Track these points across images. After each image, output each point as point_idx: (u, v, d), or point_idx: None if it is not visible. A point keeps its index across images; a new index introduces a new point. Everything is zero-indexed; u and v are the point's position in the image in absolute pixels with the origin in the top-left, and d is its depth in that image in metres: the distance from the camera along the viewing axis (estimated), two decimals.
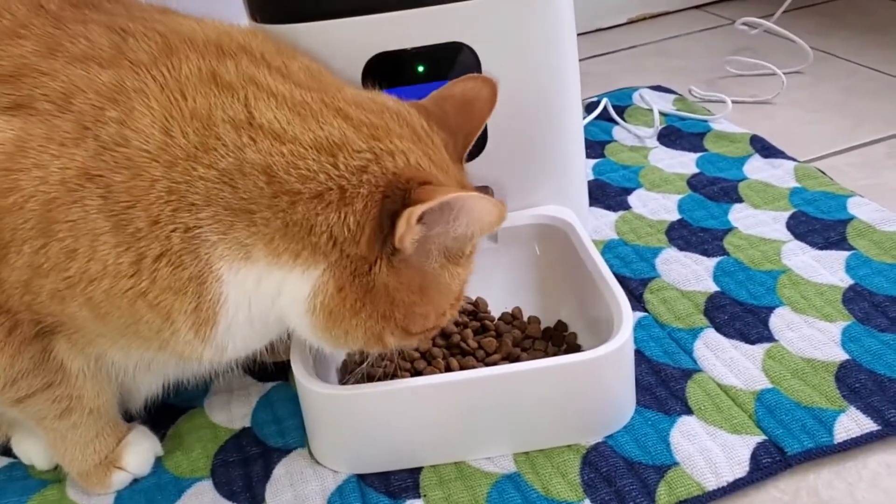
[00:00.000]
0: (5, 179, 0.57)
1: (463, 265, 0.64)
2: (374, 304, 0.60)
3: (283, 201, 0.57)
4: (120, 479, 0.72)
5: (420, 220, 0.56)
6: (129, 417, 0.76)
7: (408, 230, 0.56)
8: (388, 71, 0.80)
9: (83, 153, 0.57)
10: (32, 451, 0.76)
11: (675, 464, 0.68)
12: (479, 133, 0.70)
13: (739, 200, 1.04)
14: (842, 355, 0.77)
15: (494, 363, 0.78)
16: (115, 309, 0.60)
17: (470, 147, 0.69)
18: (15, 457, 0.77)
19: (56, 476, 0.74)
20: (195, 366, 0.71)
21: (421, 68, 0.81)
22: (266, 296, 0.61)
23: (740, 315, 0.84)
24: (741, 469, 0.67)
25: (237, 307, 0.61)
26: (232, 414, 0.79)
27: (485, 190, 0.84)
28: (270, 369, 0.83)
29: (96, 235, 0.57)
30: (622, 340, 0.68)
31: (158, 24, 0.65)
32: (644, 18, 1.81)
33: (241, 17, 0.81)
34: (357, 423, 0.69)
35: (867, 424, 0.69)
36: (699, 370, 0.78)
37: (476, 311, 0.86)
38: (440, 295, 0.63)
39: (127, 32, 0.63)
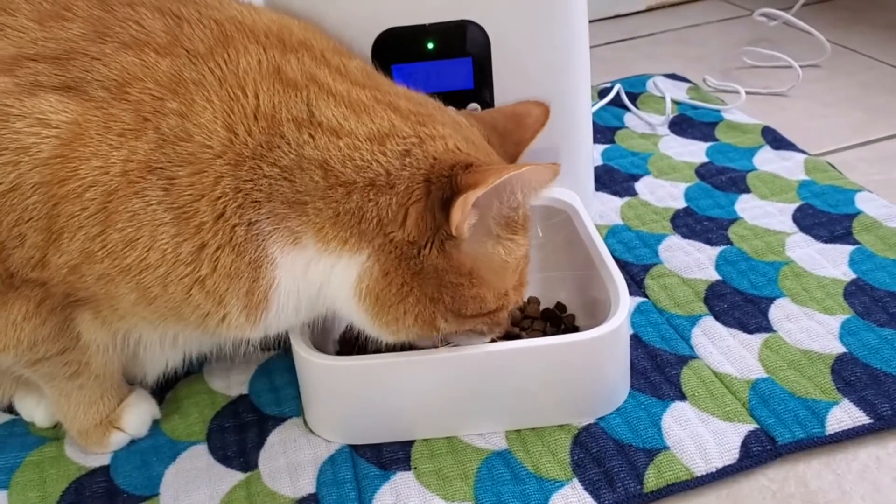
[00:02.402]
0: (63, 168, 0.57)
1: (520, 233, 0.65)
2: (422, 287, 0.61)
3: (339, 192, 0.59)
4: (118, 440, 0.74)
5: (474, 204, 0.58)
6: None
7: (463, 217, 0.58)
8: (398, 46, 0.80)
9: (145, 146, 0.58)
10: (34, 408, 0.77)
11: (666, 448, 0.68)
12: (529, 143, 0.71)
13: (747, 191, 1.04)
14: (839, 348, 0.77)
15: (492, 341, 0.78)
16: (166, 294, 0.61)
17: (521, 156, 0.71)
18: (16, 413, 0.78)
19: (55, 434, 0.76)
20: (223, 340, 0.72)
21: (431, 45, 0.81)
22: (314, 284, 0.63)
23: (740, 304, 0.84)
24: (731, 456, 0.67)
25: (288, 294, 0.62)
26: (230, 381, 0.80)
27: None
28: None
29: (156, 226, 0.58)
30: (617, 323, 0.69)
31: (213, 11, 0.65)
32: (663, 6, 1.80)
33: None
34: (352, 395, 0.70)
35: (860, 417, 0.69)
36: (695, 357, 0.78)
37: None
38: (496, 275, 0.64)
39: (181, 18, 0.63)
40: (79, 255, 0.59)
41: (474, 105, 0.84)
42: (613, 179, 1.09)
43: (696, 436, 0.69)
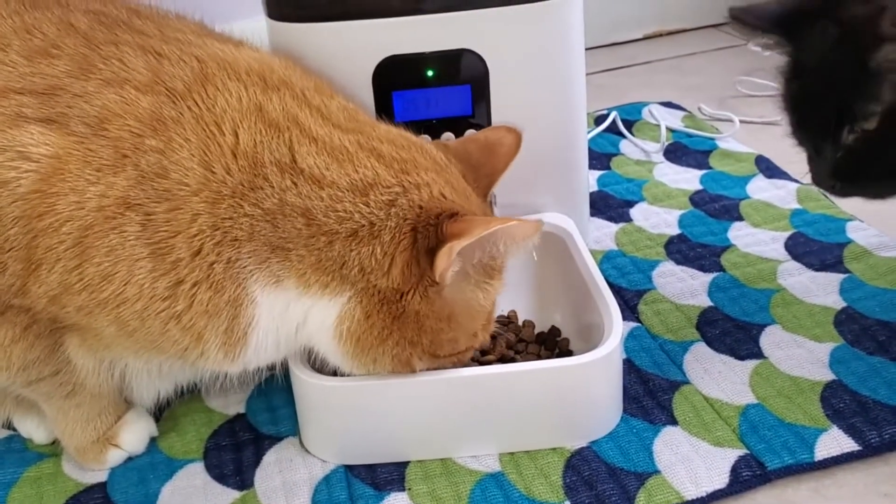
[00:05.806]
0: (42, 203, 0.58)
1: (496, 277, 0.66)
2: (402, 330, 0.62)
3: (321, 241, 0.60)
4: (115, 457, 0.74)
5: (458, 253, 0.59)
6: None
7: (448, 265, 0.59)
8: (398, 74, 0.82)
9: (123, 182, 0.58)
10: (32, 426, 0.78)
11: (657, 472, 0.69)
12: (502, 174, 0.72)
13: (740, 219, 1.05)
14: (828, 376, 0.78)
15: (488, 364, 0.79)
16: (145, 328, 0.62)
17: (494, 188, 0.72)
18: (14, 430, 0.79)
19: (53, 450, 0.76)
20: (205, 373, 0.73)
21: (430, 73, 0.83)
22: (291, 321, 0.63)
23: (731, 331, 0.85)
24: (721, 481, 0.68)
25: (267, 332, 0.63)
26: (227, 400, 0.81)
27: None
28: None
29: (134, 261, 0.59)
30: (610, 348, 0.70)
31: (195, 48, 0.66)
32: (660, 35, 1.82)
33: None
34: (348, 415, 0.71)
35: (848, 444, 0.70)
36: (687, 382, 0.79)
37: None
38: (470, 318, 0.66)
39: (162, 56, 0.64)
40: (58, 287, 0.60)
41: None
42: (608, 205, 1.11)
43: (687, 460, 0.70)
